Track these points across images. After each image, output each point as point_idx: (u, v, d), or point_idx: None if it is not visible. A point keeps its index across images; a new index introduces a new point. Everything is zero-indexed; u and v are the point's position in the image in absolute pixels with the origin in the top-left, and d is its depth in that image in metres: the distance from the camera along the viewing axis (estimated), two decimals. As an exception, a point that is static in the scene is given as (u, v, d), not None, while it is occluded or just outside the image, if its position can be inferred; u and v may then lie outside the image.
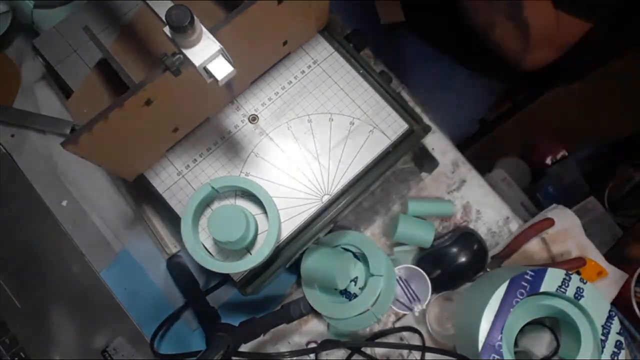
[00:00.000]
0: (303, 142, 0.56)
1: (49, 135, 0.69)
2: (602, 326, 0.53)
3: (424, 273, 0.60)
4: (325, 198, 0.54)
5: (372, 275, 0.57)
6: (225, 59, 0.38)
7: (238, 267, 0.48)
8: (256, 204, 0.52)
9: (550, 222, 0.65)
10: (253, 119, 0.57)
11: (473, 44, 0.82)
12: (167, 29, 0.37)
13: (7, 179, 0.67)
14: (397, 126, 0.57)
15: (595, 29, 0.66)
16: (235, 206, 0.47)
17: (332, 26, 0.59)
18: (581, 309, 0.54)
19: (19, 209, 0.66)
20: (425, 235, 0.63)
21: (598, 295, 0.54)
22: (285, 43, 0.55)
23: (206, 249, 0.53)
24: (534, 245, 0.66)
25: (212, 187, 0.49)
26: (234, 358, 0.51)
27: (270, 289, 0.65)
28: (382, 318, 0.65)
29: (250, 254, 0.51)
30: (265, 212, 0.50)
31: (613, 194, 1.04)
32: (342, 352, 0.63)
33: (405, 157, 0.59)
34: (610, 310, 0.54)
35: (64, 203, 0.68)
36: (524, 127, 0.57)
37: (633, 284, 0.66)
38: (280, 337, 0.64)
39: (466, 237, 0.64)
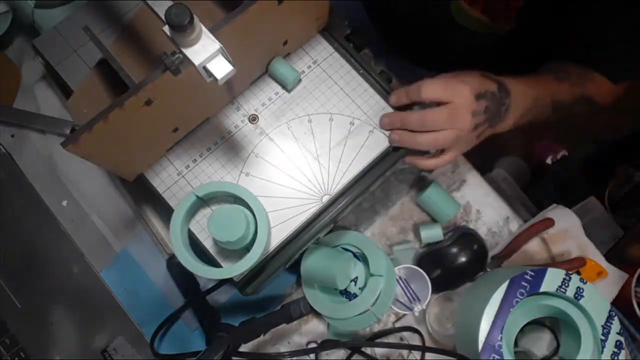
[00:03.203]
0: (303, 142, 0.56)
1: (49, 135, 0.69)
2: (602, 326, 0.53)
3: (424, 273, 0.60)
4: (325, 198, 0.54)
5: (372, 275, 0.57)
6: (225, 58, 0.38)
7: (232, 272, 0.48)
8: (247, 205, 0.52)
9: (550, 222, 0.65)
10: (253, 119, 0.57)
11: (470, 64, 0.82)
12: (166, 28, 0.37)
13: (7, 179, 0.67)
14: (397, 126, 0.57)
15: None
16: (235, 206, 0.47)
17: (332, 26, 0.59)
18: (581, 309, 0.54)
19: (19, 209, 0.66)
20: (448, 210, 0.64)
21: (598, 295, 0.54)
22: (285, 43, 0.55)
23: (206, 249, 0.53)
24: (534, 245, 0.66)
25: (197, 196, 0.49)
26: (234, 358, 0.51)
27: (270, 289, 0.65)
28: (382, 318, 0.64)
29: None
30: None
31: (613, 194, 1.04)
32: (342, 352, 0.63)
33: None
34: (610, 310, 0.54)
35: (64, 203, 0.68)
36: (524, 127, 0.56)
37: (633, 284, 0.66)
38: (280, 337, 0.64)
39: (466, 237, 0.64)
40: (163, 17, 0.35)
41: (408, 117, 0.52)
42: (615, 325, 0.53)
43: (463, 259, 0.62)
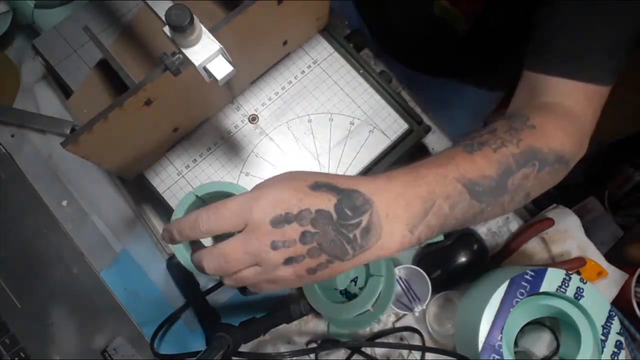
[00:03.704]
0: (303, 142, 0.56)
1: (49, 135, 0.69)
2: (602, 326, 0.53)
3: (424, 273, 0.60)
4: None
5: (372, 275, 0.57)
6: (225, 59, 0.38)
7: None
8: None
9: (550, 222, 0.65)
10: (253, 119, 0.57)
11: (461, 65, 0.83)
12: (166, 29, 0.37)
13: (7, 179, 0.67)
14: (397, 126, 0.57)
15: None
16: None
17: (332, 26, 0.59)
18: (581, 309, 0.54)
19: (19, 209, 0.66)
20: None
21: (598, 295, 0.54)
22: (285, 43, 0.55)
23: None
24: (534, 245, 0.66)
25: (196, 196, 0.49)
26: (234, 358, 0.51)
27: (270, 289, 0.65)
28: (382, 318, 0.64)
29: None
30: None
31: (613, 194, 1.04)
32: (342, 352, 0.63)
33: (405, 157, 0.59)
34: (610, 310, 0.54)
35: (64, 203, 0.68)
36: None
37: (633, 284, 0.66)
38: (280, 337, 0.64)
39: (466, 237, 0.64)
40: (163, 18, 0.35)
41: (203, 258, 0.37)
42: (615, 325, 0.53)
43: (463, 259, 0.62)
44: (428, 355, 0.62)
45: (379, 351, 0.63)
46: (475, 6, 0.66)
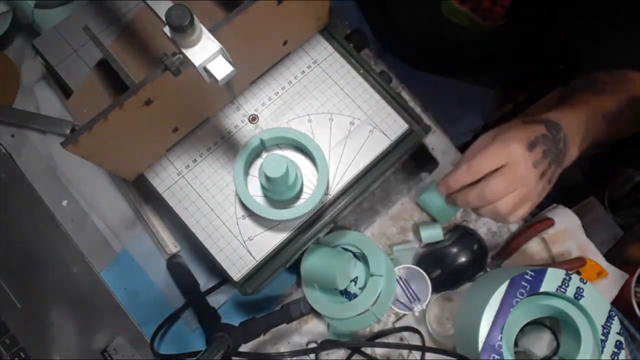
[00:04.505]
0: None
1: (49, 135, 0.69)
2: (602, 326, 0.53)
3: (424, 273, 0.60)
4: (325, 198, 0.54)
5: (372, 275, 0.57)
6: (225, 59, 0.38)
7: (289, 214, 0.51)
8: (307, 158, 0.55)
9: (550, 222, 0.65)
10: (253, 119, 0.57)
11: (458, 63, 0.83)
12: (167, 29, 0.37)
13: (7, 179, 0.67)
14: (397, 126, 0.57)
15: None
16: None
17: (332, 26, 0.59)
18: (581, 309, 0.54)
19: (19, 209, 0.66)
20: (448, 210, 0.64)
21: (598, 295, 0.54)
22: (285, 43, 0.55)
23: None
24: (534, 245, 0.66)
25: (261, 140, 0.52)
26: (234, 358, 0.51)
27: (270, 289, 0.65)
28: (382, 318, 0.65)
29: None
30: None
31: (613, 194, 1.04)
32: (342, 352, 0.63)
33: (405, 157, 0.59)
34: (610, 310, 0.54)
35: (64, 203, 0.68)
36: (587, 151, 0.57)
37: (633, 284, 0.66)
38: (280, 337, 0.64)
39: (466, 237, 0.64)
40: (163, 18, 0.35)
41: (467, 196, 0.49)
42: (615, 325, 0.53)
43: (463, 259, 0.63)
44: (428, 355, 0.62)
45: (379, 351, 0.63)
46: (499, 9, 0.67)
